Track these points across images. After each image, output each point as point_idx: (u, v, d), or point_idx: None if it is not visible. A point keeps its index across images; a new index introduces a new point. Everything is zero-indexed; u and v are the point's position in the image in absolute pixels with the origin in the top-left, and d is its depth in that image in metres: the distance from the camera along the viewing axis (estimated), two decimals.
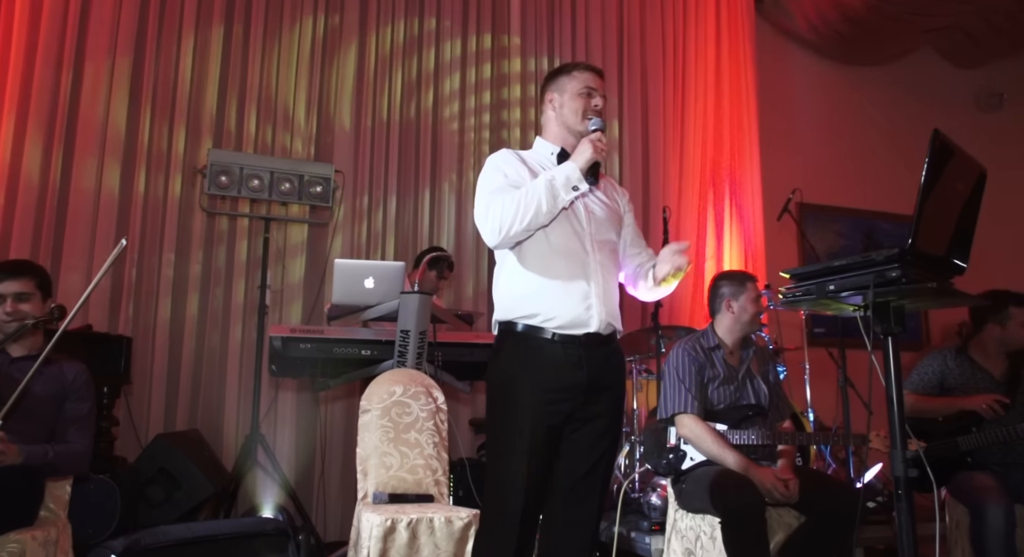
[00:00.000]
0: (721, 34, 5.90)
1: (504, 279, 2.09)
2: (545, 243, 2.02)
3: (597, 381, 2.01)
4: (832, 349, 4.76)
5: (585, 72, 2.16)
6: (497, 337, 2.09)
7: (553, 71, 2.24)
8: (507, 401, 1.99)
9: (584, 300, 2.00)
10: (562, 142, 2.17)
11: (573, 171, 1.94)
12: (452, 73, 5.13)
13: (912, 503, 1.73)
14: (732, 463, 2.68)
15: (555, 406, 1.97)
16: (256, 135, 4.59)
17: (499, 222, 1.95)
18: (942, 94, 6.97)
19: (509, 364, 2.01)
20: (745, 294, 2.93)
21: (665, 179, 5.56)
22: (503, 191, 2.00)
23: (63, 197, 4.11)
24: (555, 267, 2.01)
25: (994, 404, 2.95)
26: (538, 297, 2.00)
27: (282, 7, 4.73)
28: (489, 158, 2.15)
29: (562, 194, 1.94)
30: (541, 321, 1.99)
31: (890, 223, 6.51)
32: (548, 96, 2.20)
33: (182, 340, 4.27)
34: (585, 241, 2.06)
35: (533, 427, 1.95)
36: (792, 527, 2.71)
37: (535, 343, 1.99)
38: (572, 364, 1.98)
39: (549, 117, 2.20)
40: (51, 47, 4.11)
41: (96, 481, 3.18)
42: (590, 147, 1.96)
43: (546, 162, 2.16)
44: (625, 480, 3.85)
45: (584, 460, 2.02)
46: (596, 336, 2.02)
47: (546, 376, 1.97)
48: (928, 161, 1.69)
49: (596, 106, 2.13)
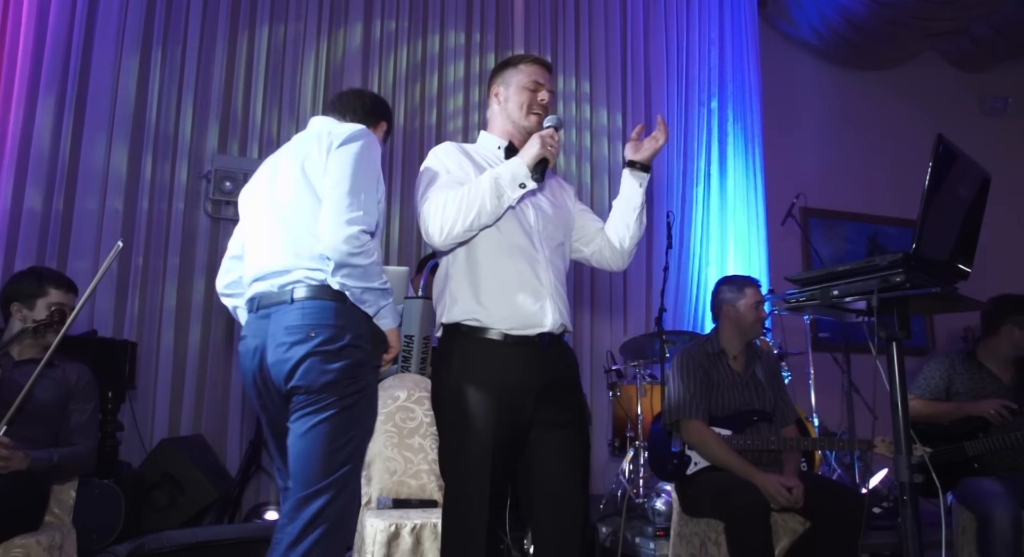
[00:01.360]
0: (725, 39, 5.91)
1: (449, 278, 1.98)
2: (494, 241, 1.94)
3: (553, 380, 1.94)
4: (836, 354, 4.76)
5: (532, 65, 2.08)
6: (442, 340, 1.98)
7: (500, 63, 2.15)
8: (461, 406, 1.87)
9: (536, 300, 1.93)
10: (508, 136, 2.09)
11: (520, 168, 1.86)
12: (456, 78, 5.14)
13: (917, 509, 1.72)
14: (737, 468, 2.68)
15: (513, 411, 1.88)
16: (261, 142, 4.60)
17: (440, 221, 1.86)
18: (947, 99, 6.96)
19: (460, 367, 1.90)
20: (744, 300, 2.92)
21: (669, 184, 5.56)
22: (446, 188, 1.91)
23: (68, 201, 4.11)
24: (505, 266, 1.93)
25: (1002, 409, 2.93)
26: (488, 297, 1.91)
27: (286, 17, 4.75)
28: (431, 151, 2.06)
29: (508, 192, 1.86)
30: (492, 322, 1.90)
31: (894, 228, 6.50)
32: (494, 89, 2.11)
33: (186, 345, 4.28)
34: (535, 239, 1.98)
35: (493, 431, 1.84)
36: (797, 533, 2.70)
37: (486, 344, 1.90)
38: (526, 365, 1.90)
39: (494, 111, 2.12)
40: (58, 48, 4.13)
41: (101, 486, 3.18)
42: (539, 143, 1.87)
43: (492, 156, 2.08)
44: (630, 485, 3.84)
45: (558, 464, 1.92)
46: (549, 335, 1.94)
47: (500, 378, 1.87)
48: (932, 166, 1.69)
49: (542, 100, 2.05)
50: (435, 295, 2.04)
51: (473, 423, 1.86)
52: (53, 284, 2.57)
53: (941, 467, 2.90)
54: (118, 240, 4.07)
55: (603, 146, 5.47)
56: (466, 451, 1.86)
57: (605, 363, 4.66)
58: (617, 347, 4.73)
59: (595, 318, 5.25)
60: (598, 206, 5.32)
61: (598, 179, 5.43)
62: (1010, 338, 3.11)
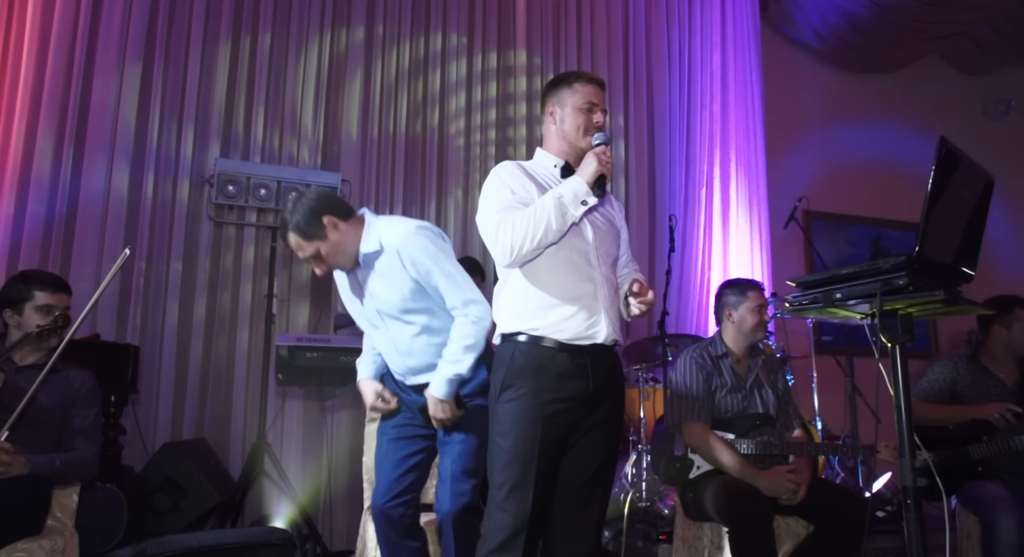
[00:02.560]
0: (727, 42, 5.90)
1: (509, 292, 2.07)
2: (552, 257, 2.00)
3: (601, 389, 2.01)
4: (840, 357, 4.75)
5: (587, 85, 2.12)
6: (500, 348, 2.06)
7: (553, 81, 2.19)
8: (515, 411, 1.96)
9: (591, 314, 2.00)
10: (564, 155, 2.15)
11: (580, 186, 1.95)
12: (458, 82, 5.14)
13: (921, 513, 1.72)
14: (740, 472, 2.67)
15: (563, 415, 1.96)
16: (263, 147, 4.61)
17: (510, 242, 1.94)
18: (949, 101, 6.96)
19: (515, 374, 1.98)
20: (746, 304, 2.92)
21: (671, 187, 5.56)
22: (511, 209, 1.98)
23: (71, 207, 4.12)
24: (562, 281, 2.00)
25: (1006, 413, 2.92)
26: (546, 311, 1.99)
27: (289, 19, 4.75)
28: (493, 171, 2.12)
29: (571, 210, 1.94)
30: (549, 333, 1.98)
31: (897, 231, 6.49)
32: (549, 108, 2.16)
33: (189, 349, 4.28)
34: (591, 255, 2.05)
35: (543, 436, 1.93)
36: (800, 537, 2.69)
37: (542, 353, 1.97)
38: (579, 374, 1.98)
39: (550, 130, 2.17)
40: (60, 57, 4.14)
41: (103, 490, 3.18)
42: (595, 161, 1.96)
43: (549, 174, 2.14)
44: (632, 489, 3.83)
45: (586, 466, 2.00)
46: (601, 347, 2.03)
47: (554, 385, 1.95)
48: (934, 168, 1.68)
49: (597, 122, 2.10)
50: (495, 306, 2.13)
51: (527, 425, 1.93)
52: (38, 286, 2.53)
53: (945, 470, 2.89)
54: (120, 244, 4.14)
55: None
56: (512, 447, 1.93)
57: None
58: (620, 350, 4.72)
59: None
60: None
61: None
62: (1000, 339, 3.12)
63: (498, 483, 1.94)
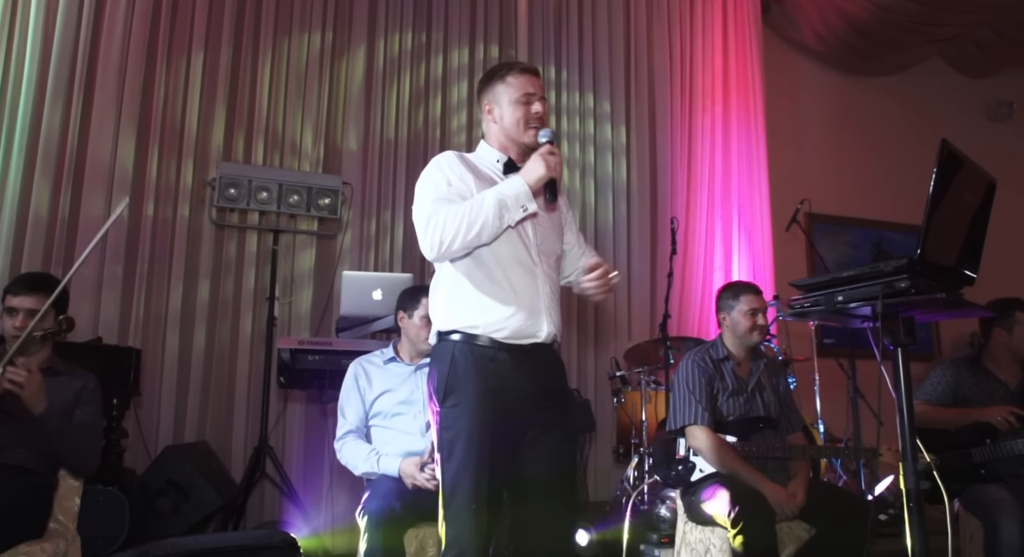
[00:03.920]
0: (728, 45, 5.91)
1: (445, 288, 1.99)
2: (491, 253, 1.94)
3: (544, 386, 1.96)
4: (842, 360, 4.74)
5: (520, 76, 2.04)
6: (438, 348, 1.99)
7: (485, 76, 2.12)
8: (462, 416, 1.88)
9: (532, 312, 1.94)
10: (506, 151, 2.08)
11: (524, 190, 1.87)
12: (459, 84, 5.15)
13: (923, 516, 1.72)
14: (743, 475, 2.67)
15: (508, 413, 1.89)
16: (265, 149, 4.61)
17: (440, 236, 1.86)
18: (951, 104, 6.96)
19: (457, 378, 1.90)
20: (739, 306, 2.91)
21: (673, 189, 5.55)
22: (447, 201, 1.92)
23: (74, 204, 4.11)
24: (502, 278, 1.94)
25: (1009, 416, 2.91)
26: (485, 308, 1.92)
27: (290, 23, 4.76)
28: (434, 160, 2.05)
29: (510, 214, 1.87)
30: (488, 331, 1.91)
31: (899, 233, 6.48)
32: (486, 106, 2.08)
33: (191, 352, 4.28)
34: (532, 252, 1.99)
35: (493, 440, 1.86)
36: (802, 540, 2.68)
37: (482, 353, 1.90)
38: (520, 371, 1.91)
39: (491, 127, 2.10)
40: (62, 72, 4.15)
41: (105, 493, 3.18)
42: (543, 164, 1.88)
43: (491, 170, 2.08)
44: (634, 492, 3.83)
45: (546, 465, 1.93)
46: (541, 345, 1.97)
47: (497, 383, 1.88)
48: (936, 171, 1.68)
49: (537, 112, 2.03)
50: (431, 303, 2.05)
51: (467, 426, 1.87)
52: (8, 289, 2.52)
53: (947, 473, 2.88)
54: (122, 245, 4.14)
55: (607, 161, 5.45)
56: (462, 454, 1.86)
57: (609, 369, 4.65)
58: (621, 353, 4.72)
59: (599, 324, 5.24)
60: (601, 223, 5.31)
61: (602, 195, 5.39)
62: (1001, 341, 3.11)
63: (450, 489, 1.87)
